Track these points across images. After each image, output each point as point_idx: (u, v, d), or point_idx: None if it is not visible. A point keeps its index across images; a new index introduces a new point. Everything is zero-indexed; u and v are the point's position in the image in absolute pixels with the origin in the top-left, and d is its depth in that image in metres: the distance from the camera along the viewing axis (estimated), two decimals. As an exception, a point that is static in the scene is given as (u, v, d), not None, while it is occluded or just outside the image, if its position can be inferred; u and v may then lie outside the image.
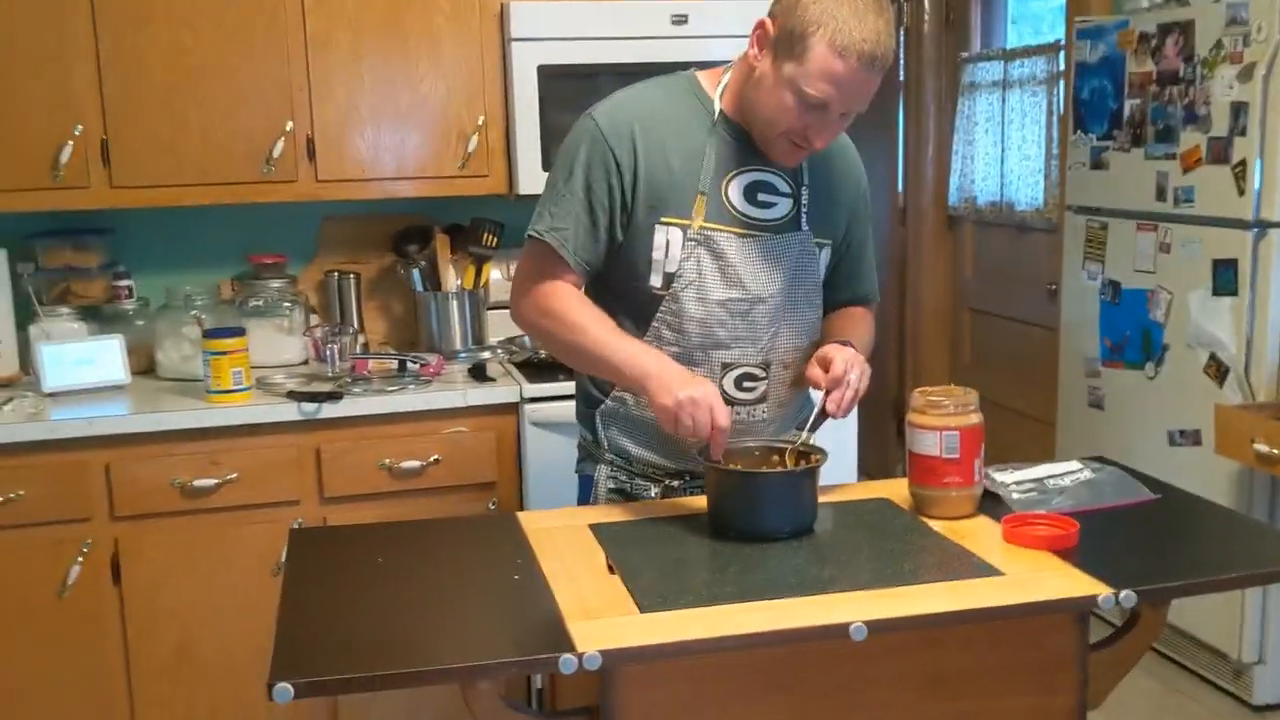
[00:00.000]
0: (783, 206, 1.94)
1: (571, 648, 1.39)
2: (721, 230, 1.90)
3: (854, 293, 2.12)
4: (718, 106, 1.92)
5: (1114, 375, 3.45)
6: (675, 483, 2.00)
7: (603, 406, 2.01)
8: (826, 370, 1.89)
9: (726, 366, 1.92)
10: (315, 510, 2.75)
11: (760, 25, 1.82)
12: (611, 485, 2.03)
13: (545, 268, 1.93)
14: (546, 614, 1.51)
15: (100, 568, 2.66)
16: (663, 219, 1.89)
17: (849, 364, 1.87)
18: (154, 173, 2.83)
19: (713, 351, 1.91)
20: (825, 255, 2.01)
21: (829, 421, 1.92)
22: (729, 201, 1.91)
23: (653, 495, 2.00)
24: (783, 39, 1.78)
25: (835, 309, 2.11)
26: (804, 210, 1.95)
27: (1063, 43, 3.90)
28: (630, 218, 1.90)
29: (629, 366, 1.85)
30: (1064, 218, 3.68)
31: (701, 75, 1.97)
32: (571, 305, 1.91)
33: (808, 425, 1.91)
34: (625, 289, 1.95)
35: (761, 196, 1.93)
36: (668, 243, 1.89)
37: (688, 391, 1.77)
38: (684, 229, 1.89)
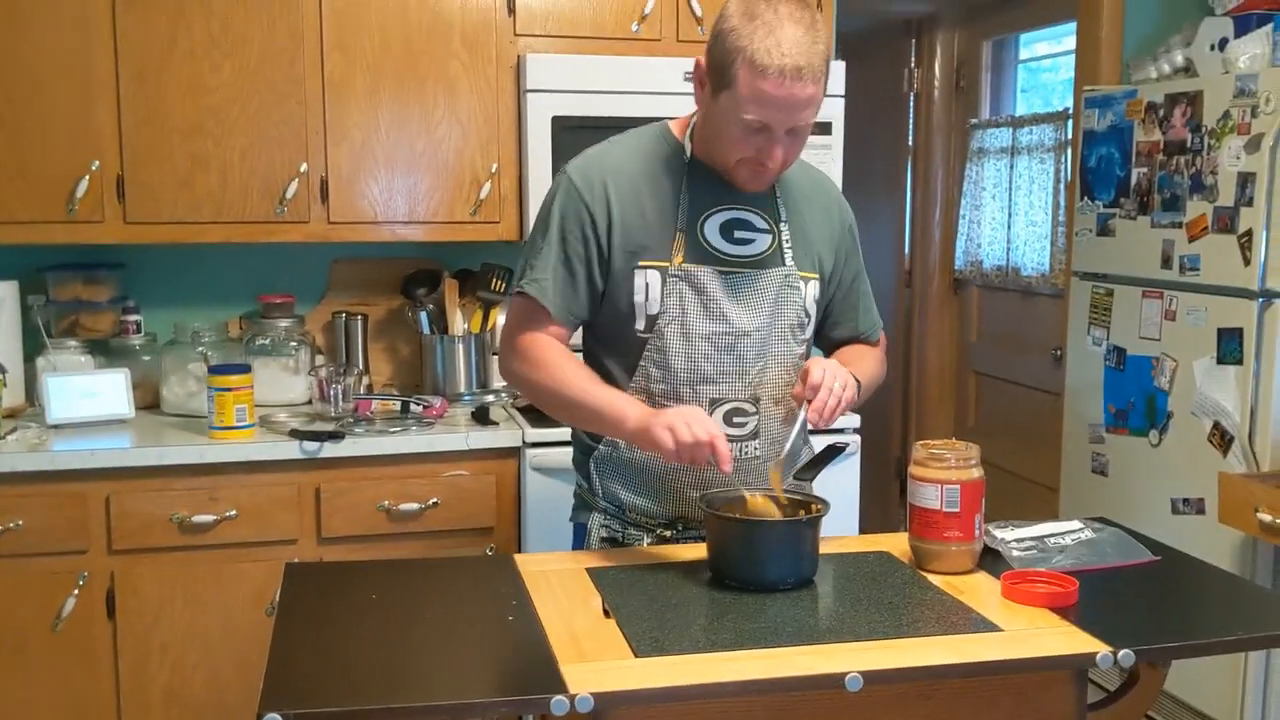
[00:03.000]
0: (761, 242, 1.96)
1: (564, 689, 1.38)
2: (701, 268, 1.92)
3: (854, 329, 2.13)
4: (689, 148, 1.95)
5: (1118, 442, 3.44)
6: (668, 532, 1.99)
7: (596, 452, 2.02)
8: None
9: (715, 402, 1.93)
10: (312, 550, 2.74)
11: (696, 66, 1.88)
12: (604, 534, 2.03)
13: (529, 321, 1.95)
14: (540, 655, 1.50)
15: (95, 601, 2.64)
16: (641, 263, 1.91)
17: (826, 371, 1.86)
18: (168, 210, 2.86)
19: (700, 386, 1.92)
20: (813, 289, 2.01)
21: (828, 470, 1.92)
22: (706, 240, 1.93)
23: (645, 544, 1.99)
24: (713, 73, 1.83)
25: (837, 347, 2.12)
26: (785, 245, 1.97)
27: (1071, 111, 3.94)
28: (609, 266, 1.92)
29: (610, 411, 1.86)
30: (1070, 283, 3.70)
31: (673, 123, 2.01)
32: (554, 356, 1.93)
33: (787, 444, 1.90)
34: (611, 335, 1.97)
35: (739, 234, 1.95)
36: (647, 285, 1.91)
37: (670, 412, 1.79)
38: (663, 270, 1.91)
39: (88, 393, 2.85)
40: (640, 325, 1.93)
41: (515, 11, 3.00)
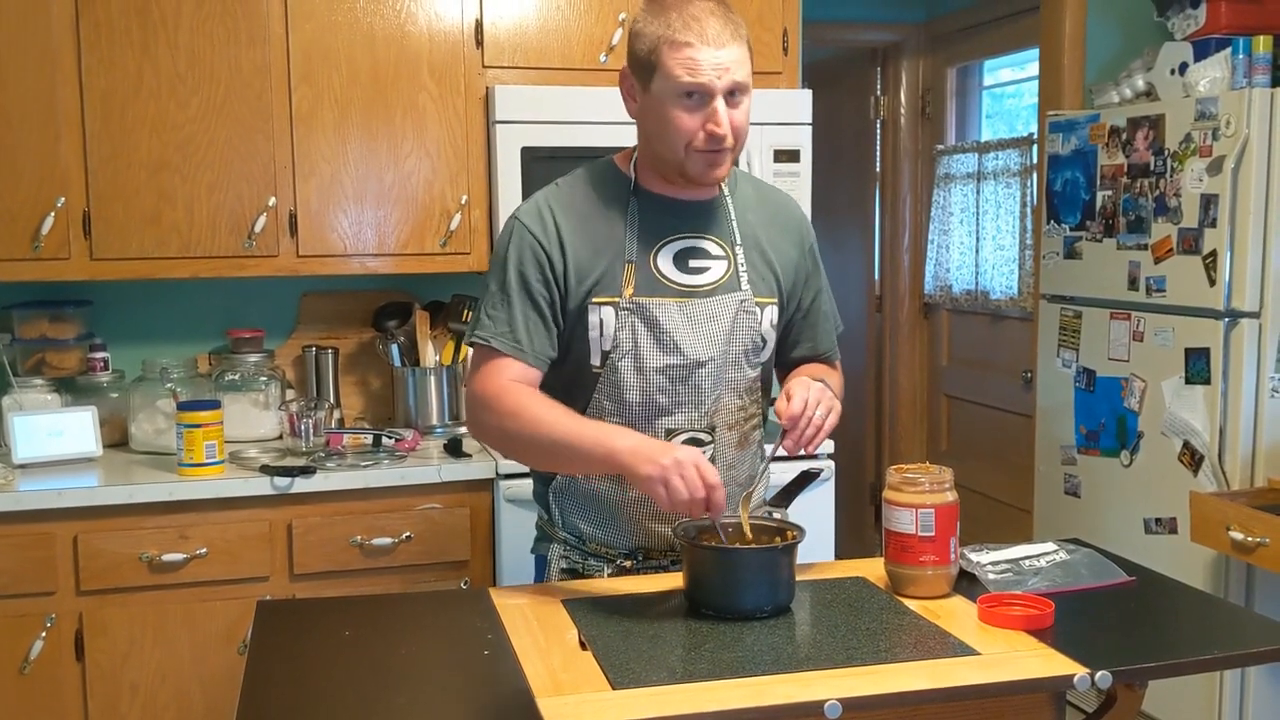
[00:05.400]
0: (716, 270, 1.95)
1: (542, 723, 1.37)
2: (652, 300, 1.90)
3: (813, 349, 2.11)
4: (634, 177, 1.95)
5: (1090, 463, 3.46)
6: (628, 562, 1.98)
7: (554, 483, 2.00)
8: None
9: (671, 433, 1.91)
10: (285, 587, 2.71)
11: (622, 76, 1.90)
12: (564, 565, 2.01)
13: (496, 372, 1.90)
14: (517, 690, 1.49)
15: (64, 643, 2.60)
16: (594, 300, 1.90)
17: (810, 397, 1.82)
18: (135, 245, 2.84)
19: (656, 419, 1.91)
20: (771, 314, 1.99)
21: (803, 496, 1.91)
22: (659, 271, 1.92)
23: (605, 575, 1.97)
24: (637, 69, 1.86)
25: (795, 366, 2.09)
26: (741, 270, 1.96)
27: (1035, 136, 3.98)
28: (566, 305, 1.91)
29: (599, 448, 1.79)
30: (1038, 306, 3.73)
31: (617, 157, 2.01)
32: (526, 400, 1.87)
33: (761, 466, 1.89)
34: (565, 371, 1.95)
35: (693, 263, 1.94)
36: (601, 321, 1.90)
37: (671, 455, 1.73)
38: (615, 304, 1.90)
39: (54, 431, 2.82)
40: (595, 361, 1.91)
41: (483, 43, 3.01)
